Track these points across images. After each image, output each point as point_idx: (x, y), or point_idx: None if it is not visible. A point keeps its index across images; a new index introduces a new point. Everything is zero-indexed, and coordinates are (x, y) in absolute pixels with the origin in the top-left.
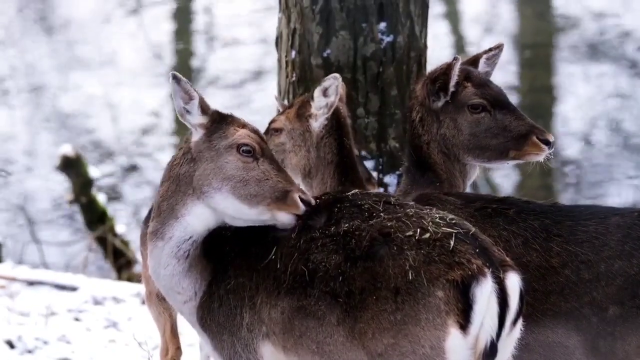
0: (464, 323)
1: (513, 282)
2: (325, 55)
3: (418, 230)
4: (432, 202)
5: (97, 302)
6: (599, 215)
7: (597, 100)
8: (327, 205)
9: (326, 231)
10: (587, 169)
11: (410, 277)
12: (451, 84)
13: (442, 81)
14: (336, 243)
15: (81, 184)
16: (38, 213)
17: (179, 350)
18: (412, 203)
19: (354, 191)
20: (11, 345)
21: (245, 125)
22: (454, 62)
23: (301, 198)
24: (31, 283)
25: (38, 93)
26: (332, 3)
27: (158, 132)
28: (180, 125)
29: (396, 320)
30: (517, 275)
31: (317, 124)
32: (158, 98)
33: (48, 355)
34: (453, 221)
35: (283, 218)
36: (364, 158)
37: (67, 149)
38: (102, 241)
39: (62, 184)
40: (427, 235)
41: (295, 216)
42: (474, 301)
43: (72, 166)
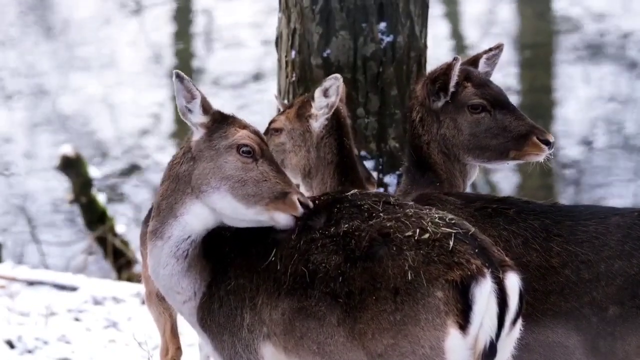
0: (464, 323)
1: (512, 282)
2: (325, 55)
3: (417, 230)
4: (432, 202)
5: (97, 302)
6: (599, 215)
7: (597, 101)
8: (327, 205)
9: (326, 232)
10: (587, 170)
11: (409, 278)
12: (451, 84)
13: (442, 81)
14: (336, 244)
15: (81, 184)
16: (38, 213)
17: (179, 350)
18: (412, 203)
19: (354, 191)
20: (11, 345)
21: (246, 126)
22: (454, 62)
23: (299, 200)
24: (31, 283)
25: (38, 94)
26: (332, 3)
27: (158, 133)
28: (180, 126)
29: (396, 320)
30: (517, 275)
31: (318, 124)
32: (158, 99)
33: (48, 355)
34: (452, 221)
35: (281, 219)
36: (364, 158)
37: (67, 149)
38: (102, 241)
39: (62, 184)
40: (427, 235)
41: (293, 218)
42: (474, 301)
43: (72, 166)
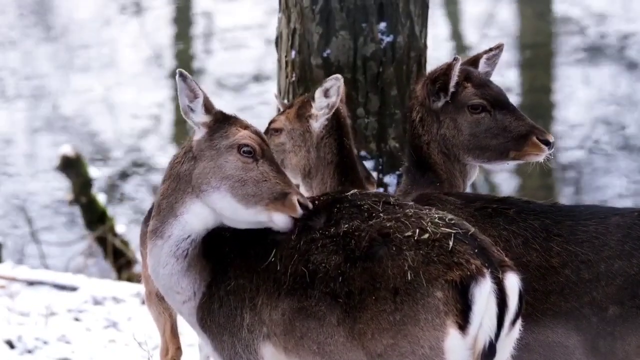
0: (463, 323)
1: (512, 283)
2: (325, 55)
3: (417, 230)
4: (432, 202)
5: (97, 302)
6: (599, 215)
7: (597, 101)
8: (327, 205)
9: (326, 232)
10: (587, 171)
11: (409, 278)
12: (451, 84)
13: (442, 81)
14: (336, 244)
15: (81, 184)
16: (38, 213)
17: (179, 350)
18: (412, 203)
19: (354, 191)
20: (11, 345)
21: (247, 126)
22: (454, 63)
23: (299, 201)
24: (31, 283)
25: (39, 95)
26: (332, 3)
27: (158, 134)
28: (179, 127)
29: (395, 320)
30: (516, 275)
31: (318, 125)
32: (158, 100)
33: (48, 355)
34: (452, 221)
35: (280, 220)
36: (364, 158)
37: (67, 150)
38: (102, 241)
39: (62, 184)
40: (426, 235)
41: (292, 219)
42: (473, 301)
43: (72, 166)
